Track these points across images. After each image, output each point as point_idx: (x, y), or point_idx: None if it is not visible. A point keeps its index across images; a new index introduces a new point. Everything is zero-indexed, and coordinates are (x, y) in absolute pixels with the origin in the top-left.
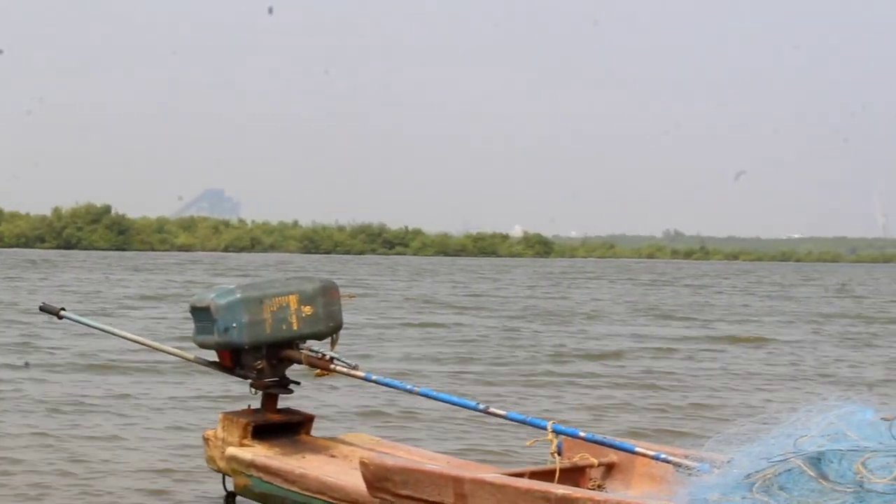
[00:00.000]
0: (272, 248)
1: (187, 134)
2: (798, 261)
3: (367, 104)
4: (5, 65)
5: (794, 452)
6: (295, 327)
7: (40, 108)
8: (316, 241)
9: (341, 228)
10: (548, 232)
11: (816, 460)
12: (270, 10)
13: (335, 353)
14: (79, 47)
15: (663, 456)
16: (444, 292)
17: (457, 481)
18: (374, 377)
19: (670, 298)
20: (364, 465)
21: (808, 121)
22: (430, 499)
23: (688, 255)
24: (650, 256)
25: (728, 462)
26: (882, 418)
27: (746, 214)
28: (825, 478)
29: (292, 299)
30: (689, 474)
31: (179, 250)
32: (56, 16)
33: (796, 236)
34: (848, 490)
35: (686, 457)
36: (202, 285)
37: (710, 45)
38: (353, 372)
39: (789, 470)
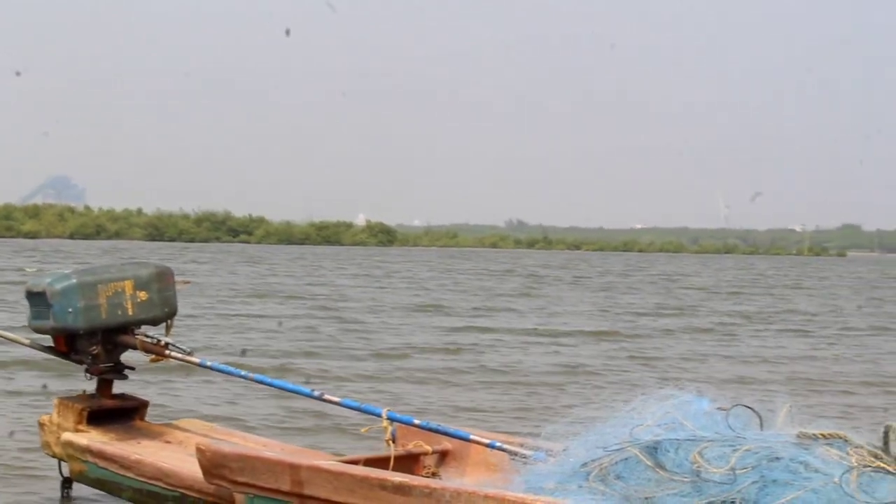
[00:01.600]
0: (117, 235)
1: (32, 119)
2: (640, 251)
3: (212, 92)
4: None
5: (630, 441)
6: (130, 312)
7: None
8: (160, 229)
9: (186, 216)
10: (391, 221)
11: (653, 449)
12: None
13: (170, 338)
14: None
15: (498, 444)
16: (273, 281)
17: (294, 468)
18: (209, 363)
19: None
20: (201, 452)
21: (650, 111)
22: (267, 485)
23: (530, 244)
24: (493, 246)
25: (564, 451)
26: (718, 408)
27: (589, 205)
28: (662, 467)
29: (128, 285)
30: (525, 463)
31: (25, 237)
32: None
33: (639, 227)
34: (685, 479)
35: (521, 445)
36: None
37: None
38: (187, 358)
39: (626, 459)
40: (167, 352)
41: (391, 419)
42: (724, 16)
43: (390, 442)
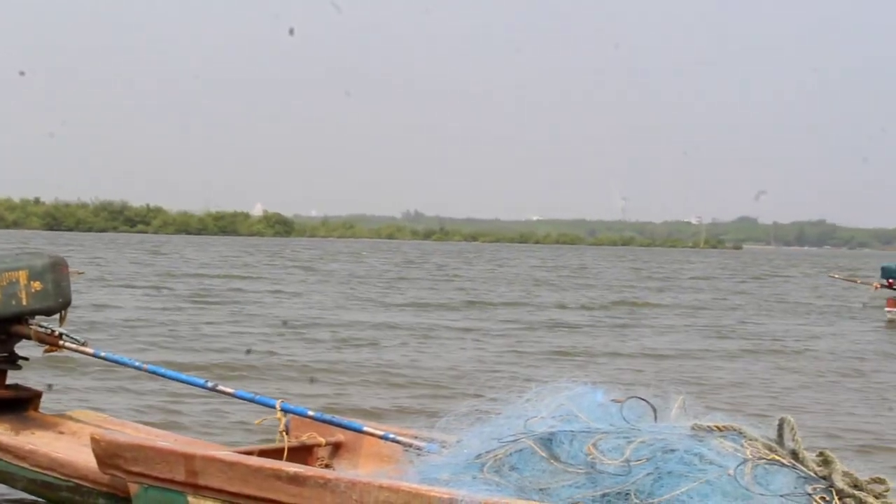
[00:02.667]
0: (15, 224)
1: None
2: (537, 242)
3: (114, 80)
4: None
5: (524, 433)
6: (24, 303)
7: None
8: (58, 219)
9: (84, 206)
10: (289, 211)
11: (548, 441)
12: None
13: (64, 329)
14: None
15: (391, 436)
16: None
17: (188, 458)
18: (102, 353)
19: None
20: (95, 442)
21: (557, 101)
22: (162, 476)
23: (427, 235)
24: (390, 237)
25: (458, 442)
26: (612, 400)
27: (486, 196)
28: (556, 458)
29: (21, 275)
30: (418, 454)
31: None
32: None
33: (535, 218)
34: (579, 471)
35: (415, 437)
36: None
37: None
38: (81, 348)
39: (520, 450)
40: (61, 342)
41: (285, 410)
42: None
43: (284, 433)
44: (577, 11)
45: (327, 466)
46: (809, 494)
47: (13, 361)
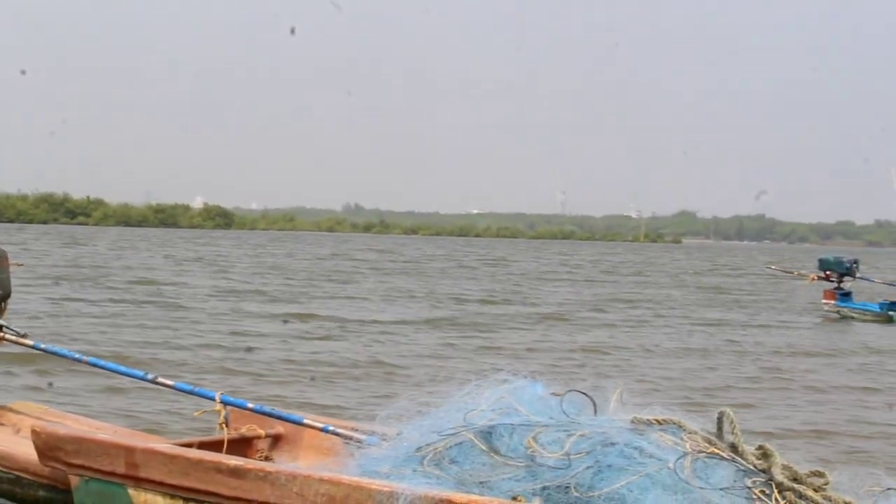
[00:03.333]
0: None
1: None
2: (477, 236)
3: (49, 70)
4: None
5: (464, 426)
6: None
7: None
8: None
9: (24, 197)
10: (229, 204)
11: (487, 434)
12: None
13: (4, 321)
14: None
15: (331, 428)
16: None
17: (129, 451)
18: (42, 345)
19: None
20: (36, 434)
21: (483, 91)
22: (103, 468)
23: (367, 228)
24: (330, 229)
25: (398, 435)
26: (552, 393)
27: (426, 190)
28: (496, 451)
29: None
30: (358, 447)
31: None
32: None
33: (475, 212)
34: (519, 464)
35: (355, 429)
36: None
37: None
38: (21, 340)
39: (460, 443)
40: (1, 334)
41: (225, 402)
42: None
43: (224, 425)
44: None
45: (267, 459)
46: (749, 488)
47: None
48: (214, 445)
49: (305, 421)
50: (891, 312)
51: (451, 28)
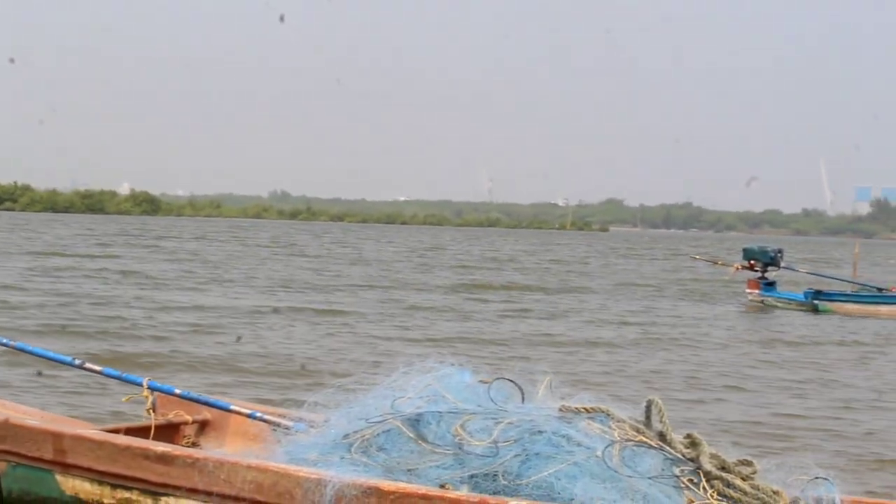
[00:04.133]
0: None
1: None
2: (404, 223)
3: None
4: None
5: (392, 413)
6: None
7: None
8: None
9: None
10: (156, 190)
11: (415, 422)
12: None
13: None
14: None
15: (258, 414)
16: None
17: (56, 437)
18: None
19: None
20: None
21: (416, 83)
22: (30, 454)
23: (294, 215)
24: (257, 216)
25: (325, 422)
26: (479, 381)
27: (353, 177)
28: (424, 439)
29: None
30: (286, 433)
31: None
32: None
33: (402, 199)
34: (447, 452)
35: (282, 416)
36: None
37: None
38: None
39: (388, 431)
40: None
41: (152, 388)
42: None
43: (151, 411)
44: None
45: (194, 445)
46: (677, 476)
47: None
48: (142, 431)
49: (233, 407)
50: (816, 302)
51: (378, 15)
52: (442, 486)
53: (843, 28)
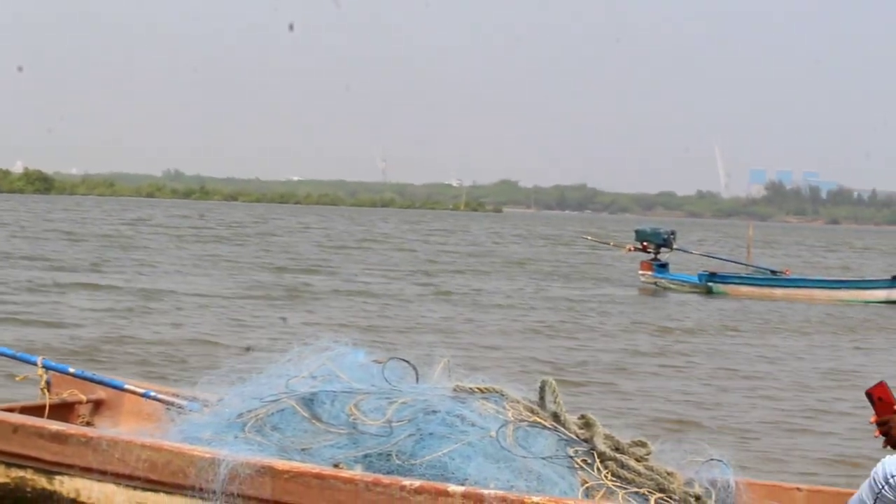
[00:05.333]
0: None
1: None
2: (297, 203)
3: None
4: None
5: (286, 392)
6: None
7: None
8: None
9: None
10: (49, 168)
11: (309, 401)
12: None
13: None
14: None
15: (153, 394)
16: None
17: None
18: None
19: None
20: None
21: (312, 61)
22: None
23: (187, 194)
24: (150, 195)
25: (219, 401)
26: (374, 361)
27: (247, 156)
28: (318, 418)
29: None
30: (180, 413)
31: None
32: None
33: (296, 178)
34: (341, 431)
35: (176, 395)
36: None
37: None
38: None
39: (282, 410)
40: None
41: (46, 367)
42: None
43: (45, 390)
44: None
45: (88, 424)
46: (571, 457)
47: None
48: (36, 410)
49: (127, 386)
50: (710, 284)
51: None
52: (336, 466)
53: (732, 12)
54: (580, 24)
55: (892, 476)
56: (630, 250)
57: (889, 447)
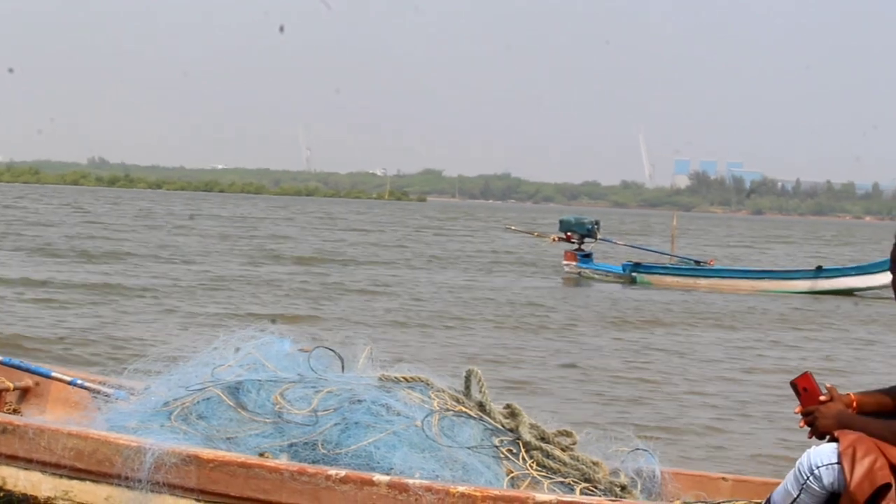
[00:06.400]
0: None
1: None
2: (222, 191)
3: None
4: None
5: (212, 381)
6: None
7: None
8: None
9: None
10: None
11: (235, 390)
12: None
13: None
14: None
15: (79, 382)
16: None
17: None
18: None
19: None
20: None
21: (235, 49)
22: None
23: (112, 182)
24: (75, 183)
25: (146, 389)
26: (300, 349)
27: (172, 144)
28: (244, 407)
29: None
30: (107, 401)
31: None
32: None
33: (220, 167)
34: (267, 420)
35: (103, 383)
36: None
37: None
38: None
39: (208, 399)
40: None
41: None
42: None
43: None
44: None
45: (15, 412)
46: (497, 447)
47: None
48: None
49: (53, 374)
50: (634, 274)
51: None
52: (261, 455)
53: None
54: (504, 12)
55: (818, 466)
56: (555, 240)
57: (815, 438)
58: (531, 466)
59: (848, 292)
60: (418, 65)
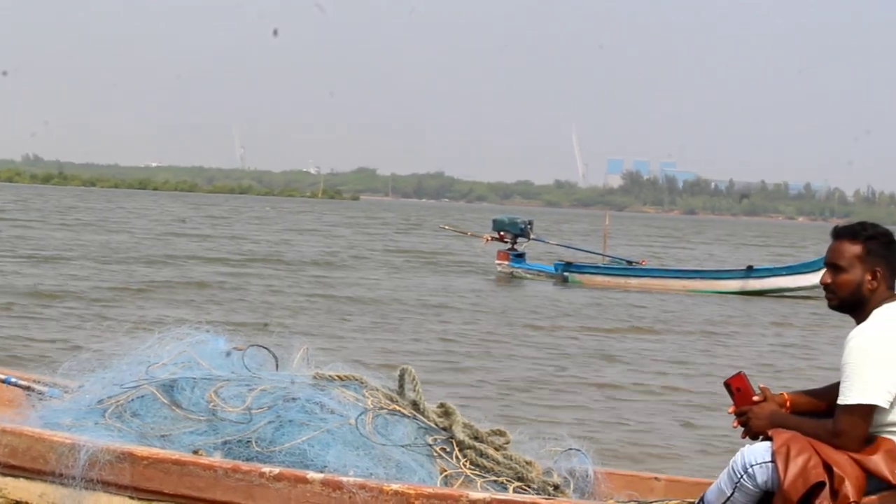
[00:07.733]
0: None
1: None
2: (156, 189)
3: None
4: None
5: (146, 379)
6: None
7: None
8: None
9: None
10: None
11: (169, 388)
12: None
13: None
14: None
15: (13, 379)
16: None
17: None
18: None
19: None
20: None
21: (172, 47)
22: None
23: (46, 179)
24: (9, 180)
25: (80, 387)
26: (234, 348)
27: (106, 141)
28: (178, 405)
29: None
30: (40, 398)
31: None
32: None
33: (154, 165)
34: (201, 418)
35: (36, 381)
36: None
37: None
38: None
39: (142, 396)
40: None
41: None
42: None
43: None
44: None
45: None
46: (430, 445)
47: None
48: None
49: None
50: (566, 274)
51: None
52: (195, 452)
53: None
54: (434, 12)
55: (752, 465)
56: (488, 240)
57: (748, 437)
58: (464, 465)
59: (778, 292)
60: (353, 63)
